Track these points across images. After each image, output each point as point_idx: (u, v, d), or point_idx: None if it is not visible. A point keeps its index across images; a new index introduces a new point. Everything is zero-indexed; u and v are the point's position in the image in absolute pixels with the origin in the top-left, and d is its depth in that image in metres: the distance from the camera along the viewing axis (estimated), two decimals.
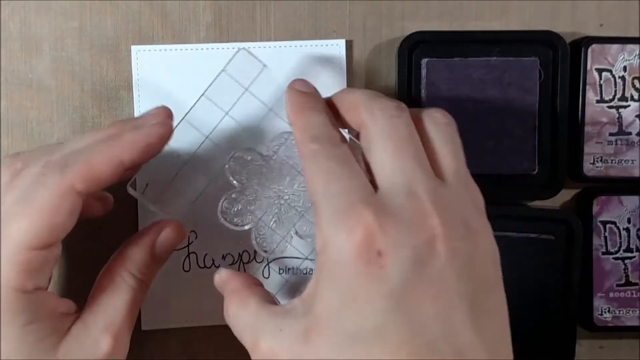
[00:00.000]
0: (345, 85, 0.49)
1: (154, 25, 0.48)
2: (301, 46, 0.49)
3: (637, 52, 0.49)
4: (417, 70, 0.49)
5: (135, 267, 0.43)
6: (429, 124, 0.38)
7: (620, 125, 0.50)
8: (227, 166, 0.46)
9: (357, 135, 0.40)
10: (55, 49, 0.48)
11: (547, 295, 0.50)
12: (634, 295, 0.51)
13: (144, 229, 0.44)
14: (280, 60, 0.49)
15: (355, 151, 0.38)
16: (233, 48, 0.48)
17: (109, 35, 0.48)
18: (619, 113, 0.50)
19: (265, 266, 0.50)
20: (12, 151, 0.48)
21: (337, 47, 0.49)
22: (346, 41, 0.49)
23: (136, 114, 0.48)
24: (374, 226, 0.33)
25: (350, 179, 0.36)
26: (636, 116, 0.50)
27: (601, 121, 0.50)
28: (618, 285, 0.51)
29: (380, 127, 0.37)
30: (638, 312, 0.51)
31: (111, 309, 0.41)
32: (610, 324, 0.51)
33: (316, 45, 0.49)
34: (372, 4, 0.50)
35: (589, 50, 0.49)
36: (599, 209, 0.50)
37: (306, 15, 0.49)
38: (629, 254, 0.51)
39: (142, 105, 0.48)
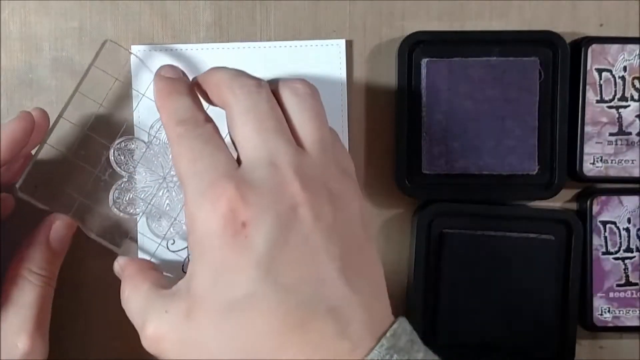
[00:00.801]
0: (345, 87, 0.49)
1: (154, 25, 0.48)
2: (301, 46, 0.49)
3: (637, 52, 0.49)
4: (417, 70, 0.49)
5: (37, 264, 0.44)
6: (290, 95, 0.39)
7: (620, 125, 0.50)
8: (111, 157, 0.47)
9: None
10: (55, 49, 0.48)
11: (547, 295, 0.49)
12: (634, 295, 0.51)
13: (36, 228, 0.45)
14: (279, 61, 0.49)
15: None
16: (233, 48, 0.49)
17: (109, 35, 0.48)
18: (619, 113, 0.50)
19: None
20: None
21: (337, 47, 0.49)
22: (346, 41, 0.49)
23: (135, 113, 0.48)
24: (236, 198, 0.35)
25: (213, 155, 0.37)
26: (636, 116, 0.50)
27: (601, 121, 0.50)
28: (618, 285, 0.51)
29: (241, 104, 0.38)
30: (638, 312, 0.51)
31: (21, 310, 0.43)
32: (610, 324, 0.51)
33: (316, 45, 0.49)
34: (372, 4, 0.50)
35: (589, 50, 0.49)
36: (599, 209, 0.50)
37: (306, 15, 0.49)
38: (629, 254, 0.51)
39: (141, 105, 0.48)
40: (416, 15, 0.50)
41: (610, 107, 0.50)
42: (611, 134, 0.50)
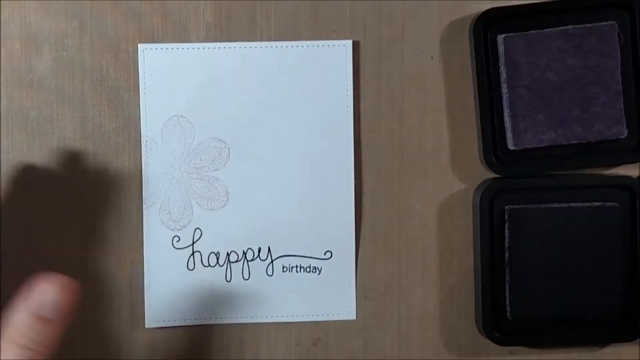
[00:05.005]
0: (350, 89, 0.49)
1: (155, 25, 0.48)
2: (305, 46, 0.48)
3: None
4: (494, 48, 0.48)
5: (21, 334, 0.35)
6: None
7: None
8: None
9: None
10: (55, 48, 0.48)
11: (614, 263, 0.48)
12: None
13: (26, 288, 0.37)
14: (282, 62, 0.48)
15: None
16: (239, 47, 0.48)
17: (110, 35, 0.48)
18: None
19: (269, 264, 0.49)
20: (12, 151, 0.48)
21: (343, 48, 0.48)
22: (353, 42, 0.49)
23: (142, 112, 0.48)
24: None
25: None
26: None
27: None
28: None
29: None
30: None
31: None
32: None
33: (321, 46, 0.48)
34: (372, 4, 0.50)
35: None
36: None
37: (306, 15, 0.49)
38: None
39: (148, 103, 0.48)
40: (416, 15, 0.50)
41: None
42: None
